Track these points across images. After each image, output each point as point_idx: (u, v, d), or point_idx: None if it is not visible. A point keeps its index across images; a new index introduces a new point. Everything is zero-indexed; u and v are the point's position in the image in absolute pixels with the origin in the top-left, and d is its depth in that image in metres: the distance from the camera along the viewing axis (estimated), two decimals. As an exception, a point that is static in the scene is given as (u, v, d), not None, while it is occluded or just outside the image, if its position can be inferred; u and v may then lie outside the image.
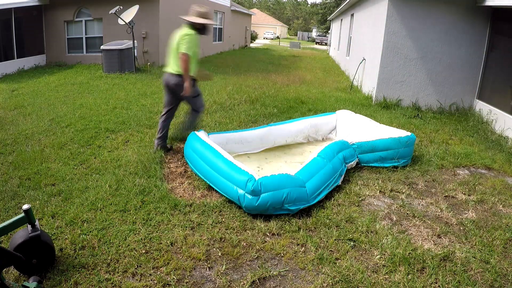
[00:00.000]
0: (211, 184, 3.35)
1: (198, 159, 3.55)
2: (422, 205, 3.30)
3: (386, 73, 7.05)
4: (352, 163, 3.88)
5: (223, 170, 3.20)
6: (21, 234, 2.11)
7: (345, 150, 3.87)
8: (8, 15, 10.19)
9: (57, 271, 2.21)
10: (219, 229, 2.74)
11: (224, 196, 3.18)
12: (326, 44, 35.22)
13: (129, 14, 9.54)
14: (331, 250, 2.56)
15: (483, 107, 6.45)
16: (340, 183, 3.50)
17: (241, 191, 2.95)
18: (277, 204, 2.90)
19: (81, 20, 11.81)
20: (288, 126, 4.76)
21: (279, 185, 2.95)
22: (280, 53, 21.23)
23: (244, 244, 2.60)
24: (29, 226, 2.11)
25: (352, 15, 12.40)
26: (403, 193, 3.49)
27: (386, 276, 2.32)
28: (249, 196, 2.88)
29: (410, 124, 5.89)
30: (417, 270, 2.37)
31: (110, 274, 2.23)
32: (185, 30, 3.83)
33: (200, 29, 3.88)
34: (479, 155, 4.58)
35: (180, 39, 3.79)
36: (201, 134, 3.87)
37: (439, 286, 2.25)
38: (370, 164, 4.02)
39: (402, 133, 4.14)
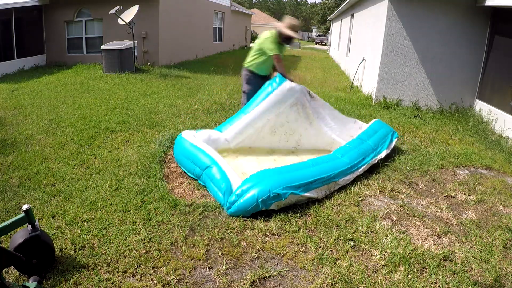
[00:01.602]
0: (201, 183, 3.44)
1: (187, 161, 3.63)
2: (422, 205, 3.30)
3: (386, 73, 7.05)
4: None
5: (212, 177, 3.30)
6: (21, 234, 2.11)
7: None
8: (8, 15, 10.19)
9: (57, 271, 2.21)
10: (219, 229, 2.74)
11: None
12: (326, 44, 35.21)
13: (129, 14, 9.55)
14: (331, 250, 2.56)
15: (483, 107, 6.45)
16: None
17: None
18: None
19: (81, 20, 11.81)
20: None
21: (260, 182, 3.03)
22: (280, 53, 21.19)
23: (244, 244, 2.60)
24: (29, 226, 2.11)
25: (352, 15, 12.39)
26: (403, 193, 3.49)
27: (386, 276, 2.32)
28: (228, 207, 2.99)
29: (410, 124, 5.89)
30: (417, 270, 2.37)
31: (110, 274, 2.23)
32: (268, 34, 4.24)
33: (285, 38, 4.21)
34: (479, 155, 4.58)
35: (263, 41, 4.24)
36: (187, 134, 3.88)
37: (439, 286, 2.25)
38: (381, 151, 4.08)
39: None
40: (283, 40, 4.20)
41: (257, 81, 4.32)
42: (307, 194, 3.10)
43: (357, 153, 3.81)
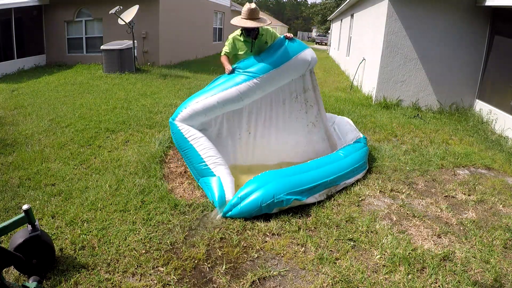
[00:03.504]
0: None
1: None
2: (422, 205, 3.30)
3: (386, 73, 7.05)
4: None
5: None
6: (21, 234, 2.11)
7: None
8: (8, 15, 10.19)
9: (57, 271, 2.21)
10: (219, 229, 2.74)
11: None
12: (326, 44, 35.21)
13: (129, 14, 9.55)
14: (331, 250, 2.56)
15: (483, 107, 6.45)
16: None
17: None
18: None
19: (81, 20, 11.81)
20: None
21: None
22: (280, 53, 21.17)
23: (244, 244, 2.60)
24: (29, 226, 2.11)
25: (352, 15, 12.39)
26: (403, 193, 3.49)
27: (386, 276, 2.32)
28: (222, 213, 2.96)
29: (410, 124, 5.89)
30: (417, 270, 2.37)
31: (110, 274, 2.23)
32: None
33: (247, 32, 3.61)
34: (479, 155, 4.58)
35: None
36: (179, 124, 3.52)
37: (439, 286, 2.25)
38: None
39: None
40: (247, 35, 3.61)
41: None
42: (309, 200, 3.10)
43: (360, 155, 3.80)
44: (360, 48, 9.76)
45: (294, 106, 3.77)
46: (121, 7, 9.49)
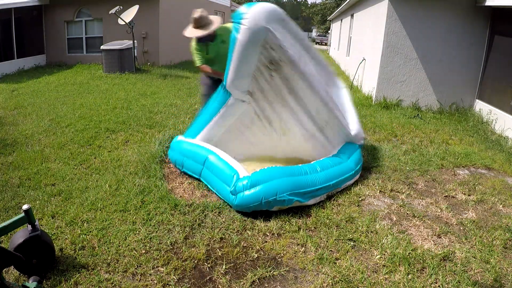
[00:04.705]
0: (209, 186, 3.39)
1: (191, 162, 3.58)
2: (422, 205, 3.30)
3: (386, 73, 7.05)
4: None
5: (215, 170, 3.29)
6: (21, 234, 2.11)
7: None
8: (8, 15, 10.19)
9: (57, 271, 2.21)
10: (219, 229, 2.74)
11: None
12: (326, 44, 35.22)
13: (129, 14, 9.55)
14: (331, 250, 2.56)
15: (483, 107, 6.45)
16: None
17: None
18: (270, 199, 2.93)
19: (81, 20, 11.82)
20: None
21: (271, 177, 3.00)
22: (280, 53, 21.19)
23: (244, 244, 2.60)
24: (29, 226, 2.11)
25: (352, 15, 12.39)
26: (403, 193, 3.49)
27: (386, 276, 2.32)
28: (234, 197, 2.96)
29: (410, 124, 5.89)
30: (417, 270, 2.37)
31: (110, 274, 2.23)
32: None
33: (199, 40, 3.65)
34: (479, 155, 4.58)
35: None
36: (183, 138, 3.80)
37: (439, 286, 2.25)
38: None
39: None
40: (200, 41, 3.72)
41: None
42: (310, 202, 3.09)
43: (359, 155, 3.78)
44: (360, 48, 9.76)
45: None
46: (121, 7, 9.50)
